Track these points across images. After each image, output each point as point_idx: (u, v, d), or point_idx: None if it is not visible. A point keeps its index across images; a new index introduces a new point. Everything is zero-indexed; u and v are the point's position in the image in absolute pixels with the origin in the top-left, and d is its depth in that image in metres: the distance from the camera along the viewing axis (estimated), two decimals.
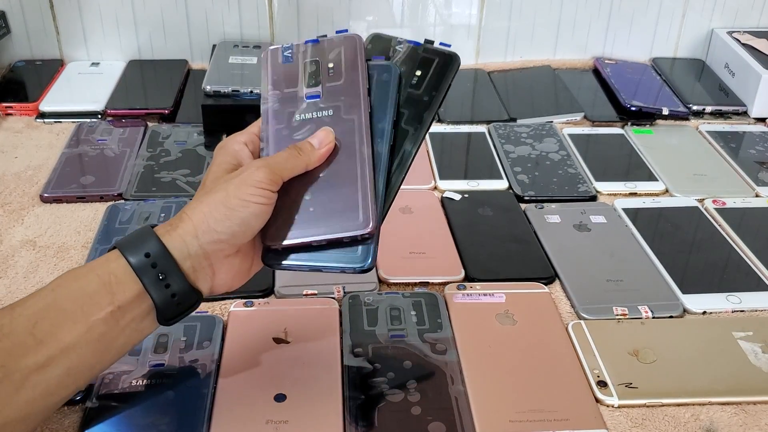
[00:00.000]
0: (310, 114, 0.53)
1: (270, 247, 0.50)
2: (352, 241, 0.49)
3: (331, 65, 0.54)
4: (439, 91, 0.52)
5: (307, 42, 0.55)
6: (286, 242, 0.50)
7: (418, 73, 0.53)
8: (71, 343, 0.45)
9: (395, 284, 0.67)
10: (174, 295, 0.47)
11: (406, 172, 0.51)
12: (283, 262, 0.50)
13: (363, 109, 0.51)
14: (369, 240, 0.49)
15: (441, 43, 0.54)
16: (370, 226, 0.48)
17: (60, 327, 0.45)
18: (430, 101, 0.52)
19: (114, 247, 0.48)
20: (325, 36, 0.55)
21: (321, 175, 0.51)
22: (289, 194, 0.51)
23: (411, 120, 0.52)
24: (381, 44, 0.55)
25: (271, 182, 0.48)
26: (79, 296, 0.46)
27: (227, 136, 0.97)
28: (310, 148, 0.50)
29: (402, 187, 0.51)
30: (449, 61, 0.53)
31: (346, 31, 0.55)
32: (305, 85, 0.54)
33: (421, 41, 0.54)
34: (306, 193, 0.51)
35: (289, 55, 0.55)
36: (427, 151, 0.87)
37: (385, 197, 0.50)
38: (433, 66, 0.53)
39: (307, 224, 0.50)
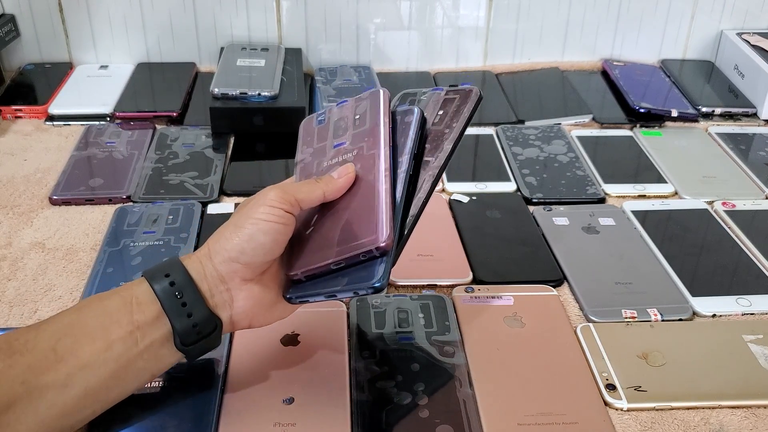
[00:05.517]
0: (337, 158, 0.54)
1: (292, 279, 0.51)
2: (369, 259, 0.49)
3: (357, 116, 0.56)
4: (458, 122, 0.54)
5: (338, 104, 0.58)
6: (303, 269, 0.50)
7: (440, 112, 0.55)
8: (90, 362, 0.45)
9: (403, 287, 0.66)
10: (190, 315, 0.48)
11: (428, 195, 0.52)
12: (302, 294, 0.51)
13: (383, 145, 0.52)
14: (385, 255, 0.48)
15: (462, 84, 0.57)
16: (383, 238, 0.48)
17: (80, 344, 0.45)
18: (450, 132, 0.53)
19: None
20: (353, 97, 0.58)
21: (343, 207, 0.52)
22: (314, 227, 0.52)
23: (432, 151, 0.53)
24: (408, 97, 0.58)
25: (282, 201, 0.49)
26: (101, 314, 0.47)
27: (235, 138, 0.98)
28: (328, 178, 0.52)
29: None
30: (467, 95, 0.55)
31: (372, 88, 0.57)
32: (333, 137, 0.56)
33: (445, 87, 0.57)
34: (328, 225, 0.51)
35: (322, 118, 0.58)
36: None
37: (404, 215, 0.51)
38: (454, 103, 0.55)
39: (325, 250, 0.50)
